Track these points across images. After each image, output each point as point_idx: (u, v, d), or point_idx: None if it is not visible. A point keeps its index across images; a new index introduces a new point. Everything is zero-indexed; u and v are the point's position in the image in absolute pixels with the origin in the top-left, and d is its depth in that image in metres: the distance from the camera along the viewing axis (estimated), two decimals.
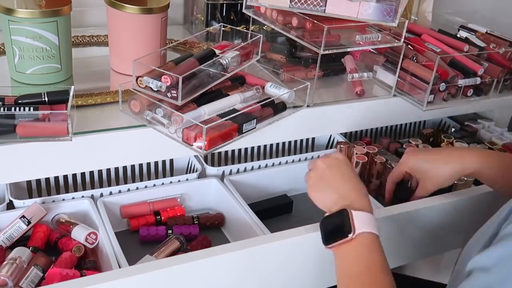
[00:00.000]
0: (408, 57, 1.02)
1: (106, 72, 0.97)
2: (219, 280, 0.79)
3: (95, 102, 0.84)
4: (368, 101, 1.00)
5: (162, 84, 0.77)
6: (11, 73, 0.87)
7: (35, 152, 0.75)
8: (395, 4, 0.89)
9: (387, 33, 0.98)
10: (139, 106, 0.80)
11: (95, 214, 0.89)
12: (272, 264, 0.82)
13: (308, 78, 0.99)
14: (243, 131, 0.82)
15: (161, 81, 0.77)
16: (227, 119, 0.80)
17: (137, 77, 0.79)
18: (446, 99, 1.03)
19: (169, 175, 1.12)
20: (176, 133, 0.78)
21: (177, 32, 1.20)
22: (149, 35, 0.92)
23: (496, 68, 1.07)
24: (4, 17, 0.81)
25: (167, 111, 0.78)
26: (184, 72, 0.78)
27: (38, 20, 0.82)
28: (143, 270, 0.72)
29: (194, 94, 0.80)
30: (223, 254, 0.77)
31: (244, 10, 1.01)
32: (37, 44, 0.83)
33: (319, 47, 0.89)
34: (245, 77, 0.93)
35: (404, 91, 1.03)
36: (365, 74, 1.02)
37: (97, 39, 1.07)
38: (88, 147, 0.78)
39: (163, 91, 0.78)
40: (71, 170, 0.81)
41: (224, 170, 1.05)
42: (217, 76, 0.85)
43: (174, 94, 0.77)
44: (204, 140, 0.76)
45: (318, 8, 0.90)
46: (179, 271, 0.74)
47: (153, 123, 0.80)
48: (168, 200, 0.99)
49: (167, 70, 0.79)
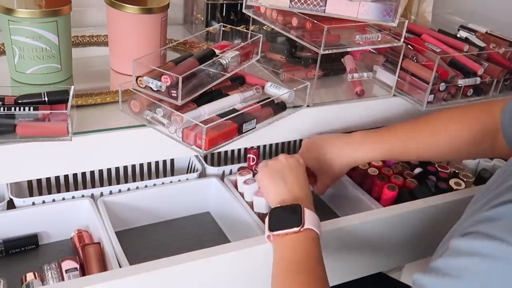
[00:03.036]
0: (408, 57, 1.02)
1: (106, 72, 0.97)
2: (219, 280, 0.79)
3: (95, 102, 0.84)
4: (368, 101, 1.01)
5: (162, 84, 0.77)
6: (11, 73, 0.87)
7: (35, 152, 0.75)
8: (395, 4, 0.89)
9: (387, 33, 0.98)
10: (139, 106, 0.80)
11: (95, 213, 0.89)
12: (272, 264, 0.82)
13: (308, 78, 0.99)
14: (243, 131, 0.82)
15: (161, 81, 0.77)
16: (227, 119, 0.81)
17: (137, 77, 0.79)
18: (446, 99, 1.03)
19: (170, 175, 1.12)
20: (176, 133, 0.78)
21: (177, 32, 1.20)
22: (149, 35, 0.92)
23: (496, 68, 1.07)
24: (4, 17, 0.81)
25: (167, 111, 0.78)
26: (184, 72, 0.78)
27: (38, 20, 0.82)
28: (143, 270, 0.72)
29: (194, 94, 0.80)
30: (223, 254, 0.77)
31: (244, 10, 1.01)
32: (37, 44, 0.83)
33: (319, 47, 0.89)
34: (245, 77, 0.93)
35: (404, 91, 1.03)
36: (365, 74, 1.02)
37: (97, 39, 1.07)
38: (88, 147, 0.78)
39: (163, 91, 0.78)
40: (71, 170, 0.81)
41: (224, 170, 1.05)
42: (217, 76, 0.85)
43: (174, 94, 0.77)
44: (204, 140, 0.76)
45: (318, 8, 0.90)
46: (179, 271, 0.74)
47: (153, 123, 0.80)
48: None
49: (167, 70, 0.79)
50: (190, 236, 0.98)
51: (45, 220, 0.90)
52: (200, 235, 0.99)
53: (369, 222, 0.87)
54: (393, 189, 0.97)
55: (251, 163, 1.03)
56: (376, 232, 0.89)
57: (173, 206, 1.01)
